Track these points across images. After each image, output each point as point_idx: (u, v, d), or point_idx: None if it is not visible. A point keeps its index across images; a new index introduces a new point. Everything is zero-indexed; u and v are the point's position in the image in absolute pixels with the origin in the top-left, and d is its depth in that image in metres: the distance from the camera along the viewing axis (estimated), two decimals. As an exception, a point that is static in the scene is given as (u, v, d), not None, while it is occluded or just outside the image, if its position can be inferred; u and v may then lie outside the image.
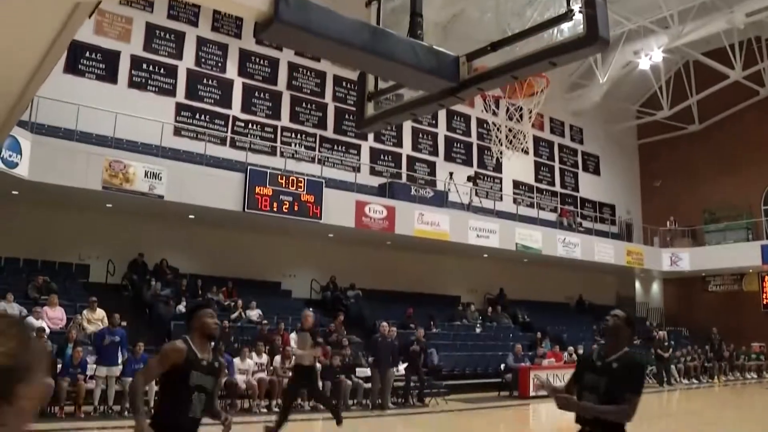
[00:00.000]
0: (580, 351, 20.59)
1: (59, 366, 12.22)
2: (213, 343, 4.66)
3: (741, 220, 28.91)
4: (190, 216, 17.69)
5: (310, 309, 15.02)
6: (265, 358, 14.55)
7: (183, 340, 4.40)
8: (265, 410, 13.64)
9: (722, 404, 19.45)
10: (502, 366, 18.56)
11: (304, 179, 18.10)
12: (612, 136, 31.51)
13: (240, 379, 13.70)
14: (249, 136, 20.36)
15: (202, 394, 4.34)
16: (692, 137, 30.51)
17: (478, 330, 21.74)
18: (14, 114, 8.88)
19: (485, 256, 23.41)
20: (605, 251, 26.10)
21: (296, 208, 17.67)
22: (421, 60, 3.72)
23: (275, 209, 17.34)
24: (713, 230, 29.53)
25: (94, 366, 12.57)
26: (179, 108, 19.48)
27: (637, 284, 31.25)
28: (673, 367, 23.20)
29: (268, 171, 17.68)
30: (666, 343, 22.75)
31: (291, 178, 17.90)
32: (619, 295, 30.44)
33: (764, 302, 28.56)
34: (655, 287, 31.75)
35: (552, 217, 27.05)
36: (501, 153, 15.63)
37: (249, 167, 17.54)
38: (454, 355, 18.97)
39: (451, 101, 4.08)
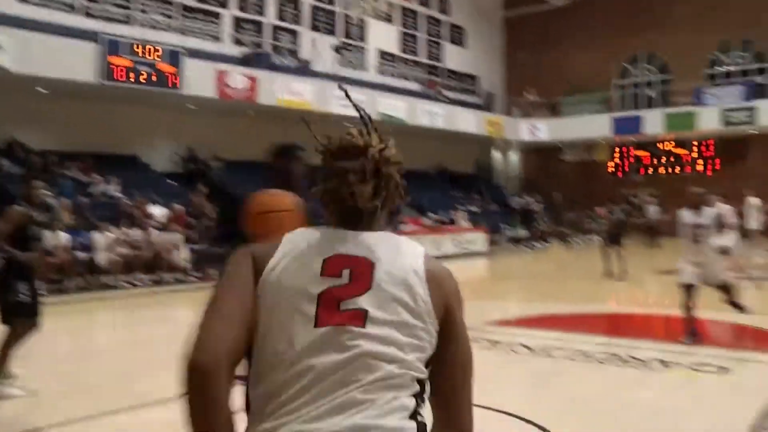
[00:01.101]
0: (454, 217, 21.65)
1: None
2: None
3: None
4: (40, 89, 16.85)
5: None
6: (125, 232, 14.60)
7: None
8: (128, 285, 13.84)
9: (555, 263, 21.23)
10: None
11: (161, 49, 17.58)
12: (478, 7, 31.73)
13: (102, 256, 13.75)
14: (102, 2, 19.29)
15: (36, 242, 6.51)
16: (559, 12, 31.09)
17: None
18: None
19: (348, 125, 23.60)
20: (467, 121, 26.99)
21: (154, 79, 17.26)
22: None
23: (132, 80, 16.89)
24: (571, 102, 30.86)
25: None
26: (23, -30, 18.12)
27: (497, 153, 32.50)
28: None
29: (123, 41, 17.03)
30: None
31: (148, 47, 17.34)
32: (479, 163, 31.66)
33: (609, 170, 30.71)
34: (514, 156, 33.12)
35: (417, 87, 27.46)
36: (363, 13, 15.46)
37: (103, 36, 16.82)
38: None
39: None
